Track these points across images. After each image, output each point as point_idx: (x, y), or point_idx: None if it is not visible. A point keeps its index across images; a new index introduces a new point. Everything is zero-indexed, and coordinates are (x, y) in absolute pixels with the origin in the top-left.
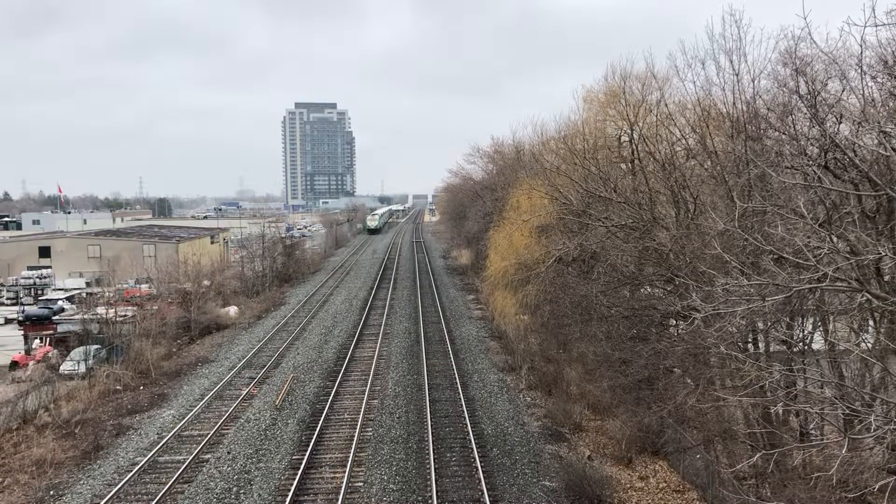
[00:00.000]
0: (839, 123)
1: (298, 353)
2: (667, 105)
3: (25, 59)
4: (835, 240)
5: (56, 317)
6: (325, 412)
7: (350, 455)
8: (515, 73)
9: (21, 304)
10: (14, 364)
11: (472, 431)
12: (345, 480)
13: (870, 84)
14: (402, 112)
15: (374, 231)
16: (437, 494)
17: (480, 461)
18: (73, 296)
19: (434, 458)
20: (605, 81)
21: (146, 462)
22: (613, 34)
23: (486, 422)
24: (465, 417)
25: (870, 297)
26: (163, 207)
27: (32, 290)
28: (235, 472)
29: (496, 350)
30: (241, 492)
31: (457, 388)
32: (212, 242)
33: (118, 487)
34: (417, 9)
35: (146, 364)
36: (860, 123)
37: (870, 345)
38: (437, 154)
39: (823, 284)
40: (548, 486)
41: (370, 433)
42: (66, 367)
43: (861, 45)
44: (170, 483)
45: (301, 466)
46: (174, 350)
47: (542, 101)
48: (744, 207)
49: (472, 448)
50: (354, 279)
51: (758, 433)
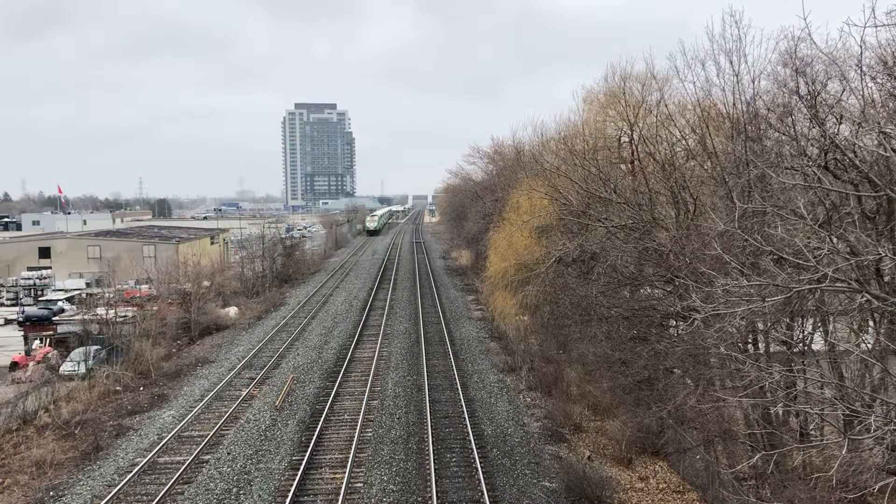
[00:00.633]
0: (839, 124)
1: (298, 354)
2: (667, 106)
3: (25, 60)
4: (835, 240)
5: (56, 317)
6: (325, 413)
7: (350, 456)
8: (516, 74)
9: (21, 305)
10: (14, 365)
11: (472, 432)
12: (345, 481)
13: (870, 85)
14: (403, 112)
15: (374, 232)
16: (437, 495)
17: (480, 462)
18: (73, 296)
19: (434, 459)
20: (605, 82)
21: (146, 463)
22: (613, 34)
23: (486, 422)
24: (465, 418)
25: (870, 298)
26: (163, 208)
27: (32, 291)
28: (235, 473)
29: (496, 351)
30: (241, 492)
31: (457, 389)
32: (212, 243)
33: (118, 488)
34: (418, 9)
35: (146, 365)
36: (860, 124)
37: (870, 345)
38: (438, 155)
39: (823, 285)
40: (548, 487)
41: (370, 434)
42: (66, 368)
43: (861, 46)
44: (169, 484)
45: (301, 467)
46: (174, 351)
47: (543, 102)
48: (744, 208)
49: (472, 449)
50: (354, 280)
51: (758, 434)
